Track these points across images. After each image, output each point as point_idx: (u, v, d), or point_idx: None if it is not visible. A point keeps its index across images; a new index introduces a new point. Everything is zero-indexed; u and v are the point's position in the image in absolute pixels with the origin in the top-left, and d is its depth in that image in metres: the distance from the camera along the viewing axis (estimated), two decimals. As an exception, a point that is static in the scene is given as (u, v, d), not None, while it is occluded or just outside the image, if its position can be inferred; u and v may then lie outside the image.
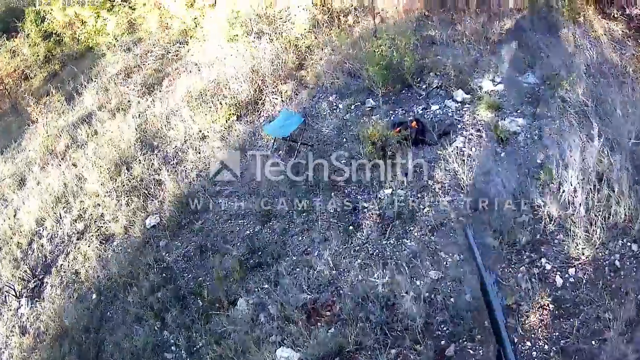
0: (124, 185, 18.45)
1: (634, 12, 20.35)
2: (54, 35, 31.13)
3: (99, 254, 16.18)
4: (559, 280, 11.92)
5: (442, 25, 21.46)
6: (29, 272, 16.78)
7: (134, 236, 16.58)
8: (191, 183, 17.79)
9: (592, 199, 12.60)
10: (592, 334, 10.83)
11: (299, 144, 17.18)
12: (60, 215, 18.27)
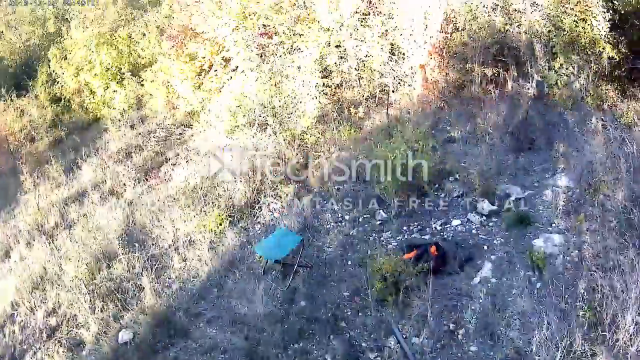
0: (101, 286, 15.67)
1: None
2: (62, 101, 29.14)
3: (65, 364, 13.29)
4: None
5: (460, 119, 18.88)
6: (-4, 360, 14.48)
7: (103, 350, 13.76)
8: (172, 297, 14.82)
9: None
10: None
11: (295, 265, 14.17)
12: (35, 304, 15.51)
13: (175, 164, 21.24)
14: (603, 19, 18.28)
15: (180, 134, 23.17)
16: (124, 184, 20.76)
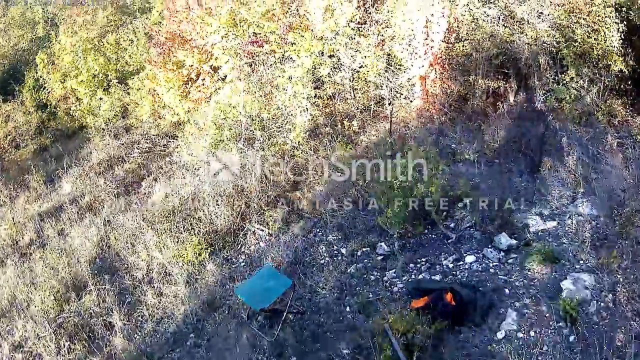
0: (68, 320, 13.00)
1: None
2: (49, 107, 26.34)
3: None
4: None
5: (465, 135, 15.99)
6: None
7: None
8: (144, 339, 11.94)
9: None
10: None
11: (285, 312, 11.02)
12: (1, 334, 13.44)
13: (156, 179, 18.38)
14: (616, 30, 15.80)
15: (165, 145, 20.18)
16: (103, 200, 18.09)
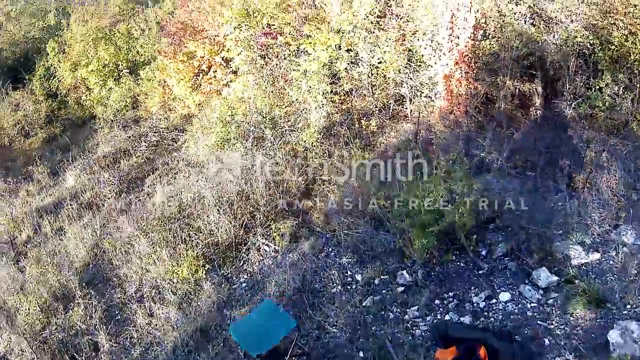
0: (53, 336, 11.04)
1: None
2: (59, 96, 24.17)
3: None
4: None
5: (494, 141, 13.42)
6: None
7: None
8: None
9: None
10: None
11: (287, 355, 8.80)
12: None
13: (161, 176, 16.19)
14: (655, 33, 13.43)
15: (173, 139, 18.13)
16: (104, 196, 15.95)
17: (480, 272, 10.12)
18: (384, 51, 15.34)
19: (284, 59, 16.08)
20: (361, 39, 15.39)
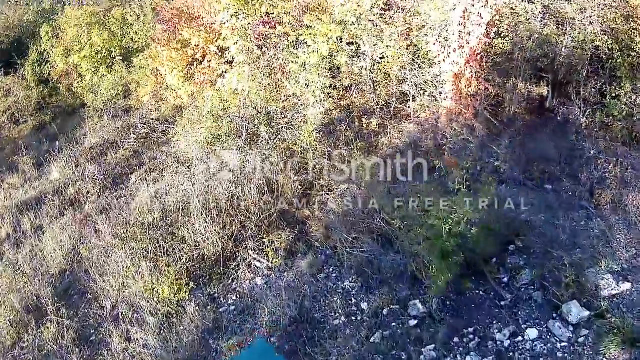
0: (24, 356, 9.53)
1: None
2: (51, 83, 22.23)
3: None
4: None
5: (509, 149, 11.51)
6: None
7: None
8: None
9: None
10: None
11: None
12: None
13: (147, 172, 14.34)
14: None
15: (163, 131, 16.29)
16: (87, 192, 14.17)
17: (502, 303, 8.42)
18: (387, 46, 13.50)
19: (282, 50, 14.30)
20: (366, 31, 13.56)
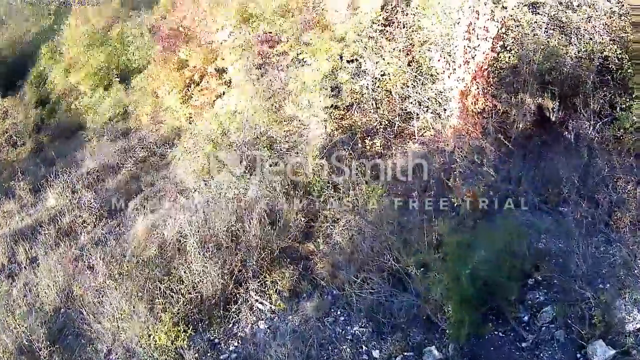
0: None
1: None
2: (50, 103, 21.96)
3: None
4: None
5: (522, 170, 10.80)
6: None
7: None
8: None
9: None
10: None
11: None
12: None
13: (146, 199, 13.51)
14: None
15: (162, 155, 15.63)
16: (83, 222, 13.49)
17: (523, 344, 7.63)
18: (388, 62, 12.78)
19: (280, 70, 13.59)
20: (367, 48, 12.85)
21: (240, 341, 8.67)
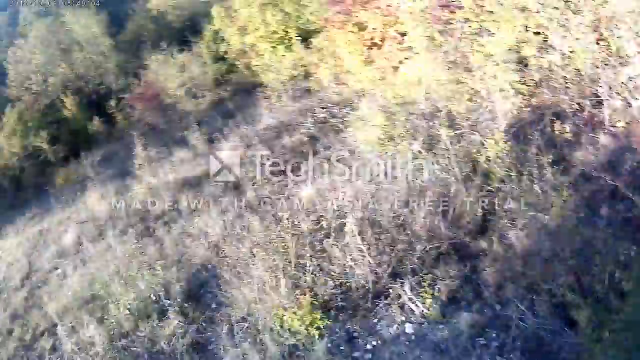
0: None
1: None
2: (227, 60, 22.65)
3: None
4: None
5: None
6: None
7: None
8: None
9: None
10: None
11: None
12: None
13: (320, 162, 13.12)
14: None
15: (342, 117, 14.79)
16: (253, 178, 13.64)
17: None
18: (576, 38, 11.48)
19: (460, 39, 12.54)
20: (552, 19, 11.67)
21: (379, 340, 7.85)
